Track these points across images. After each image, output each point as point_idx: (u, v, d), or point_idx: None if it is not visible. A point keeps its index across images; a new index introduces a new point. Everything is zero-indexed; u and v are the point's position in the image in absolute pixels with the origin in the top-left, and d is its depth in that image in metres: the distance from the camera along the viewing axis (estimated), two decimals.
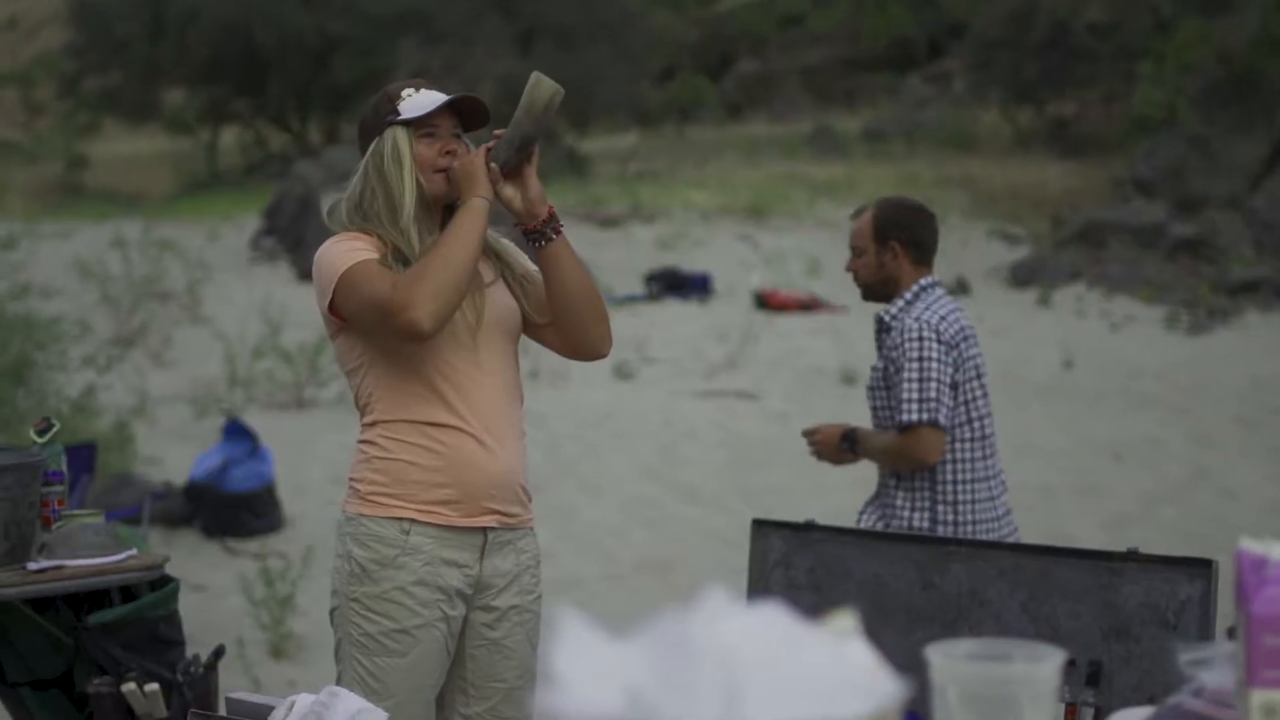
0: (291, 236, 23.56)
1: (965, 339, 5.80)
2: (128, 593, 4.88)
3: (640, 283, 22.69)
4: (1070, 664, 3.92)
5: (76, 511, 5.02)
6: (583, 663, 1.30)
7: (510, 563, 4.33)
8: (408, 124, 4.24)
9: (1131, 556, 4.28)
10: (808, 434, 6.35)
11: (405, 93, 4.28)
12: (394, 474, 4.20)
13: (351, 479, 4.30)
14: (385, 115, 4.26)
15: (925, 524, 5.58)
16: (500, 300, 4.33)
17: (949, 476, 5.67)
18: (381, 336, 4.17)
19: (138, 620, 4.80)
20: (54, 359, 11.89)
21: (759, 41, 44.44)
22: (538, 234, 4.27)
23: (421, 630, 4.18)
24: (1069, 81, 34.00)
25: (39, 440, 4.93)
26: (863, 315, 21.28)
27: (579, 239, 24.37)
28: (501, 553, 4.31)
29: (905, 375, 5.67)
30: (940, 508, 5.62)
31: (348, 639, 4.24)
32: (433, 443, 4.19)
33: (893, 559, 4.63)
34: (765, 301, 21.93)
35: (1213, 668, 2.08)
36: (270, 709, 3.59)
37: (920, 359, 5.65)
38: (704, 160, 32.63)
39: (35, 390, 11.43)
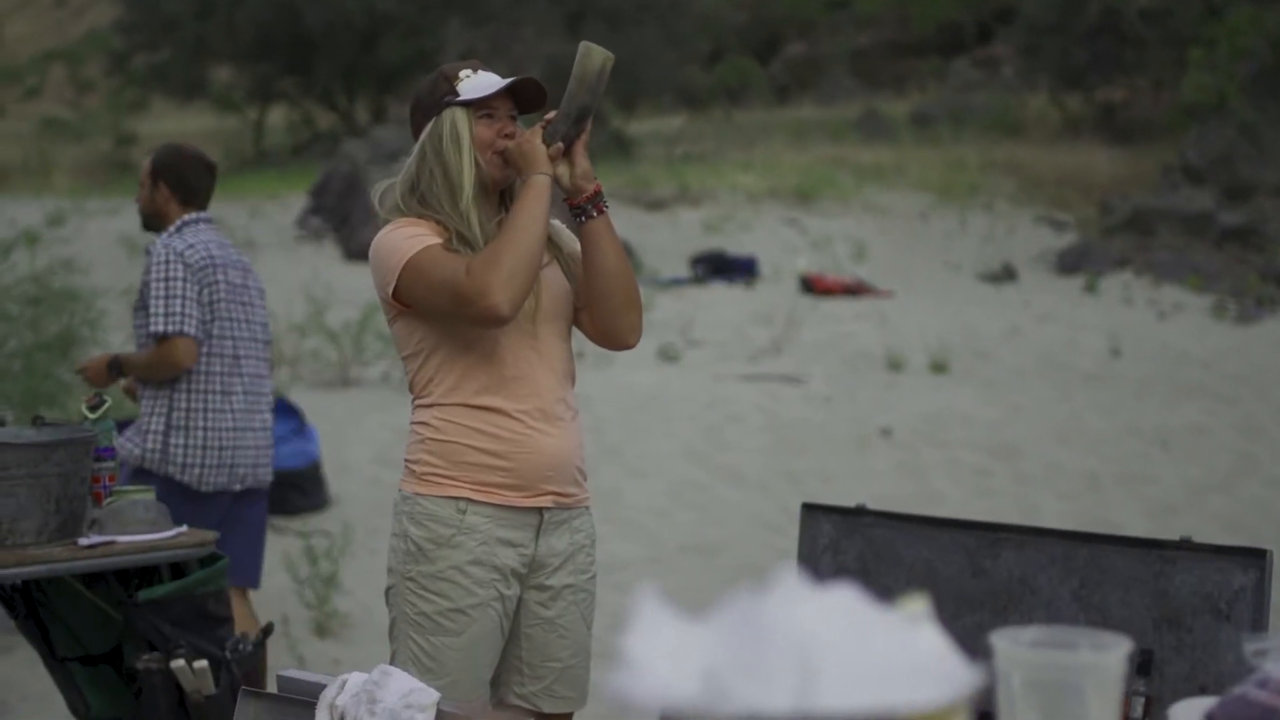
0: (338, 215, 23.61)
1: (215, 266, 6.55)
2: (177, 569, 4.89)
3: (686, 265, 22.66)
4: None
5: (127, 488, 5.04)
6: (658, 644, 1.29)
7: (565, 542, 4.33)
8: (466, 105, 4.22)
9: (1184, 545, 4.25)
10: (80, 370, 7.12)
11: (463, 73, 4.26)
12: (450, 455, 4.19)
13: (407, 460, 4.29)
14: (443, 96, 4.23)
15: (161, 426, 6.45)
16: (556, 282, 4.32)
17: (189, 384, 6.50)
18: (452, 321, 4.15)
19: (187, 597, 4.81)
20: (99, 334, 11.92)
21: (807, 24, 44.34)
22: (582, 209, 4.26)
23: (477, 610, 4.18)
24: (1118, 67, 33.84)
25: (90, 416, 4.95)
26: (909, 300, 21.25)
27: (625, 221, 24.34)
28: (557, 532, 4.30)
29: (153, 293, 6.46)
30: (175, 414, 6.48)
31: (403, 618, 4.23)
32: (490, 425, 4.18)
33: (943, 545, 4.61)
34: (811, 285, 21.88)
35: (1277, 658, 2.06)
36: (322, 687, 3.58)
37: (166, 279, 6.45)
38: (751, 143, 32.56)
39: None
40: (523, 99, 4.32)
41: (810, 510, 4.90)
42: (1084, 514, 11.78)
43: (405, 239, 4.16)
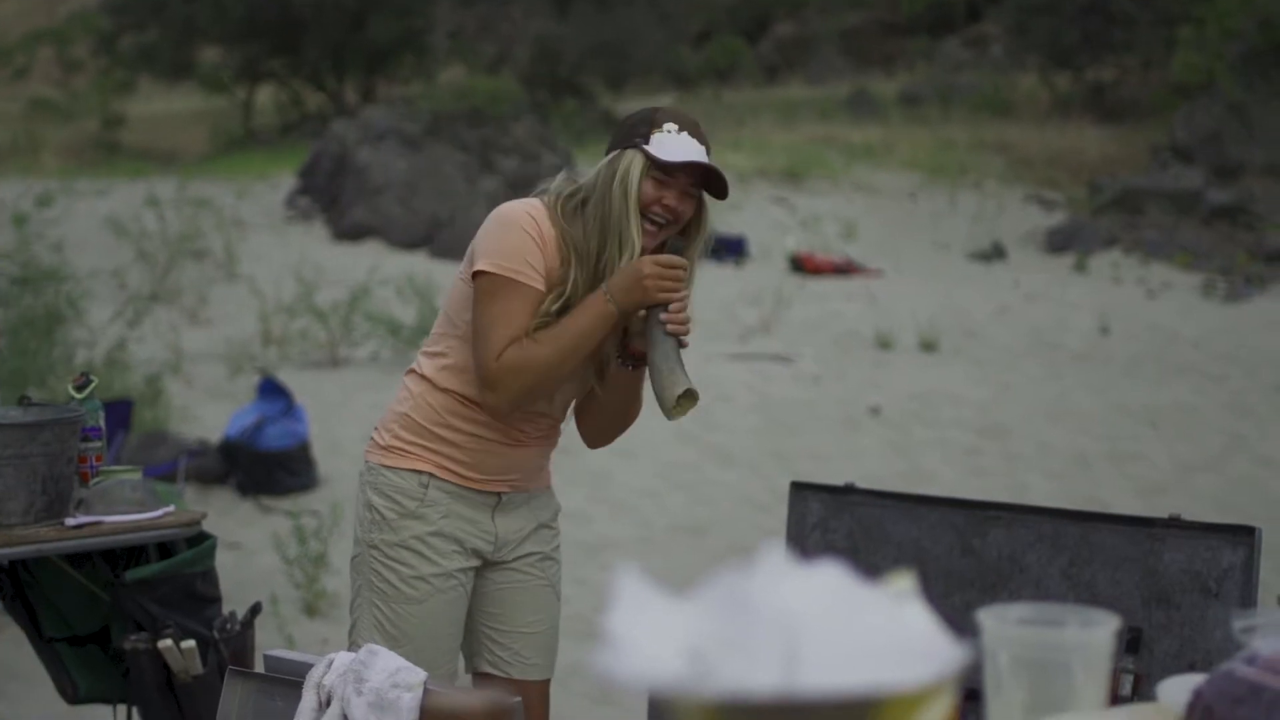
0: (327, 196, 23.57)
1: None
2: (165, 550, 4.88)
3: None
4: None
5: (114, 468, 5.02)
6: (641, 622, 1.28)
7: (525, 519, 4.42)
8: (648, 158, 4.11)
9: (1173, 523, 4.25)
10: None
11: (668, 126, 4.13)
12: (419, 434, 4.26)
13: (378, 426, 4.36)
14: (637, 136, 4.14)
15: None
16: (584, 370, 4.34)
17: None
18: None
19: (174, 577, 4.80)
20: (84, 314, 11.92)
21: (796, 4, 44.23)
22: (632, 359, 4.27)
23: (439, 579, 4.26)
24: (1108, 47, 33.81)
25: (77, 395, 4.93)
26: (898, 279, 21.26)
27: None
28: (516, 511, 4.39)
29: None
30: None
31: (367, 585, 4.30)
32: (464, 424, 4.24)
33: (932, 523, 4.61)
34: (801, 265, 21.89)
35: (1265, 635, 2.06)
36: (309, 667, 3.58)
37: None
38: (740, 123, 32.50)
39: (66, 344, 11.44)
40: (705, 183, 4.21)
41: (799, 489, 4.90)
42: (1073, 492, 11.78)
43: (521, 250, 4.10)
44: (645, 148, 4.09)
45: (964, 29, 41.22)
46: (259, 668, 4.01)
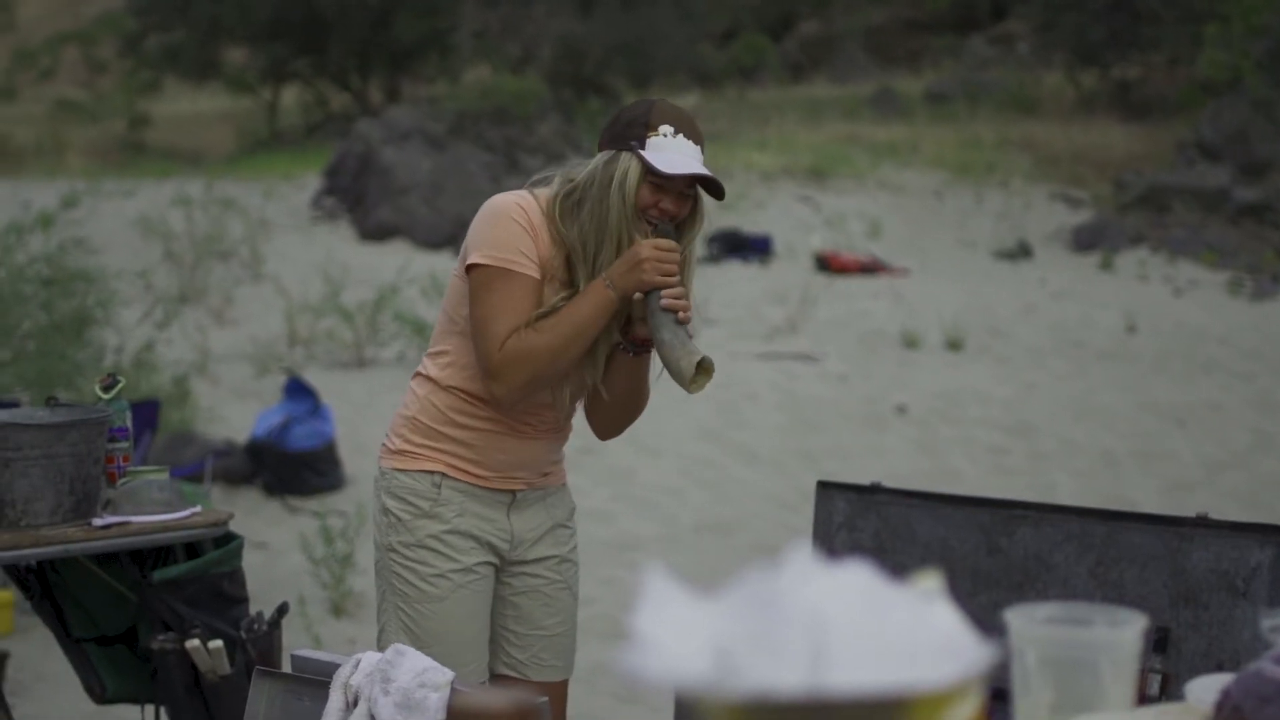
0: (352, 195, 23.61)
1: None
2: (192, 550, 4.89)
3: (701, 244, 22.63)
4: None
5: (141, 468, 5.04)
6: (668, 621, 1.29)
7: (540, 517, 4.42)
8: (644, 162, 4.11)
9: (1201, 522, 4.24)
10: None
11: (664, 129, 4.12)
12: (429, 435, 4.27)
13: (389, 433, 4.37)
14: (633, 138, 4.12)
15: None
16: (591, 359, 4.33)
17: None
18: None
19: (202, 577, 4.81)
20: (112, 315, 11.94)
21: (821, 2, 44.20)
22: (634, 346, 4.27)
23: (459, 574, 4.26)
24: (1134, 44, 33.71)
25: (104, 396, 4.94)
26: (924, 278, 21.23)
27: None
28: (531, 509, 4.39)
29: None
30: None
31: (390, 590, 4.31)
32: (471, 420, 4.25)
33: (958, 522, 4.60)
34: (826, 263, 21.86)
35: None
36: (336, 666, 3.59)
37: None
38: (765, 121, 32.49)
39: (94, 345, 11.47)
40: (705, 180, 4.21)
41: (825, 488, 4.90)
42: (1100, 491, 11.76)
43: (513, 240, 4.12)
44: (642, 153, 4.09)
45: (989, 27, 41.17)
46: (286, 668, 4.02)
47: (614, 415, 4.45)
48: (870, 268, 21.89)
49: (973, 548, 4.56)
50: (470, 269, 4.14)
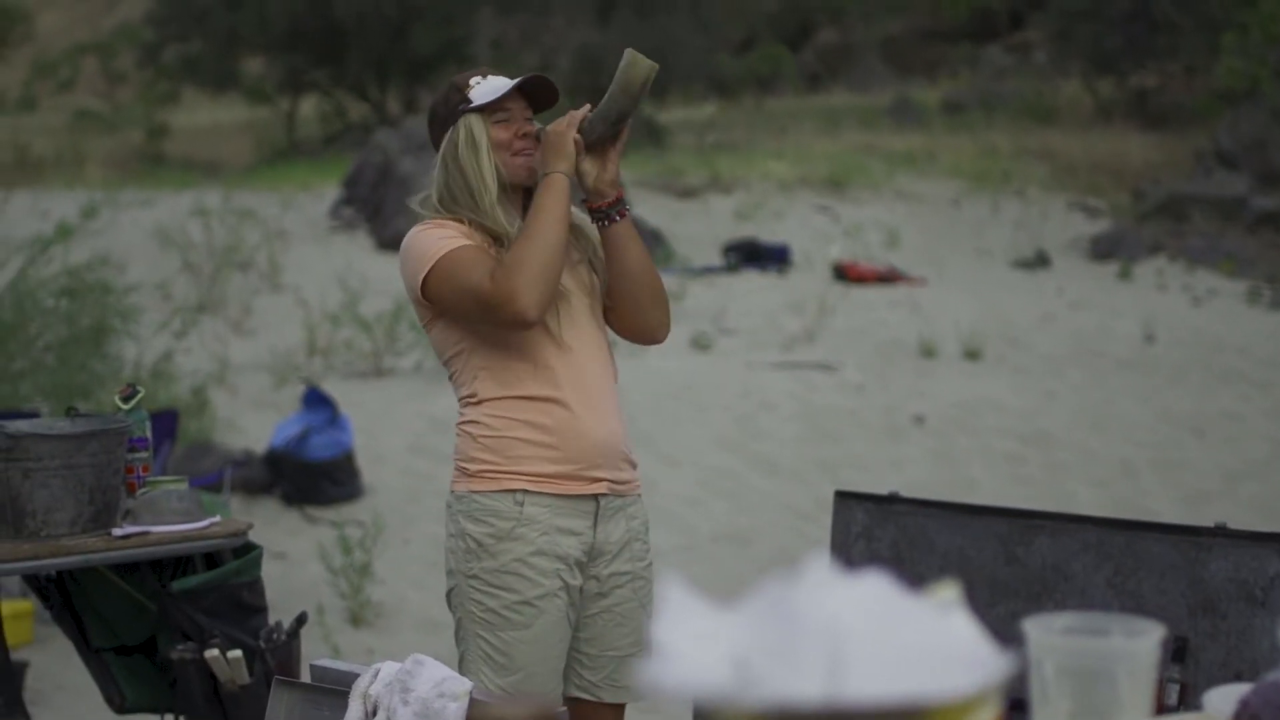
0: (370, 206, 23.62)
1: None
2: (211, 560, 4.90)
3: (718, 254, 22.64)
4: None
5: (161, 478, 5.05)
6: (688, 631, 1.29)
7: (621, 529, 4.35)
8: (480, 110, 4.27)
9: (1219, 532, 4.23)
10: None
11: (473, 80, 4.33)
12: (502, 450, 4.22)
13: (458, 460, 4.31)
14: (457, 105, 4.29)
15: None
16: (586, 274, 4.36)
17: None
18: (482, 324, 4.19)
19: (221, 587, 4.83)
20: (132, 326, 11.97)
21: (838, 11, 44.21)
22: (602, 214, 4.31)
23: (543, 600, 4.20)
24: (1151, 53, 33.69)
25: (123, 406, 4.95)
26: (942, 287, 21.22)
27: (657, 209, 24.34)
28: (614, 519, 4.33)
29: None
30: None
31: (469, 617, 4.24)
32: (539, 415, 4.22)
33: (976, 532, 4.60)
34: (843, 273, 21.84)
35: None
36: (355, 676, 3.59)
37: None
38: (782, 131, 32.51)
39: (113, 356, 11.50)
40: (537, 99, 4.37)
41: (843, 498, 4.90)
42: (1118, 501, 11.75)
43: (435, 240, 4.22)
44: (472, 106, 4.27)
45: (1007, 36, 41.16)
46: (305, 677, 4.03)
47: (636, 302, 4.40)
48: (888, 277, 21.88)
49: (990, 558, 4.55)
50: (424, 288, 4.20)
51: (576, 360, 4.27)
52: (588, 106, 4.28)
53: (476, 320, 4.18)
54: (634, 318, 4.43)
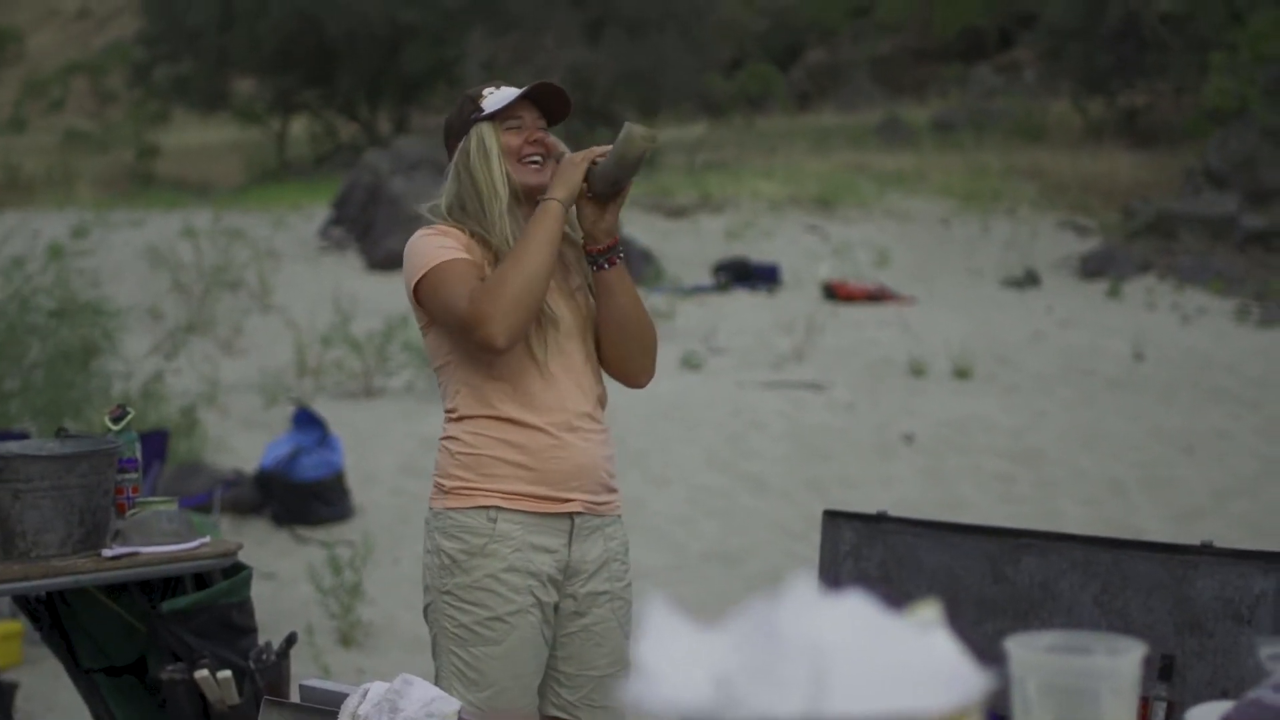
0: (360, 226, 23.65)
1: None
2: (201, 580, 4.90)
3: (708, 273, 22.67)
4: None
5: (150, 499, 5.05)
6: (670, 651, 1.30)
7: (598, 549, 4.34)
8: (492, 119, 4.31)
9: (1206, 550, 4.24)
10: None
11: (487, 91, 4.37)
12: (478, 467, 4.22)
13: (436, 476, 4.32)
14: (470, 115, 4.33)
15: None
16: (585, 303, 4.37)
17: None
18: (461, 341, 4.22)
19: (210, 607, 4.82)
20: (120, 345, 11.98)
21: (828, 31, 44.32)
22: (594, 258, 4.34)
23: (516, 616, 4.19)
24: (1140, 72, 33.78)
25: (113, 427, 4.96)
26: (931, 306, 21.24)
27: (647, 229, 24.38)
28: (590, 539, 4.32)
29: None
30: None
31: (443, 633, 4.25)
32: (516, 436, 4.22)
33: (964, 551, 4.61)
34: (833, 292, 21.89)
35: None
36: (344, 696, 3.60)
37: None
38: (772, 150, 32.57)
39: (102, 376, 11.51)
40: (551, 110, 4.39)
41: (832, 517, 4.90)
42: (1107, 519, 11.76)
43: (433, 247, 4.25)
44: (484, 115, 4.31)
45: (996, 55, 41.25)
46: (294, 698, 4.03)
47: (623, 347, 4.41)
48: (878, 296, 21.92)
49: (978, 576, 4.56)
50: (417, 290, 4.23)
51: (559, 387, 4.27)
52: (607, 147, 4.29)
53: (456, 336, 4.21)
54: (618, 362, 4.45)
